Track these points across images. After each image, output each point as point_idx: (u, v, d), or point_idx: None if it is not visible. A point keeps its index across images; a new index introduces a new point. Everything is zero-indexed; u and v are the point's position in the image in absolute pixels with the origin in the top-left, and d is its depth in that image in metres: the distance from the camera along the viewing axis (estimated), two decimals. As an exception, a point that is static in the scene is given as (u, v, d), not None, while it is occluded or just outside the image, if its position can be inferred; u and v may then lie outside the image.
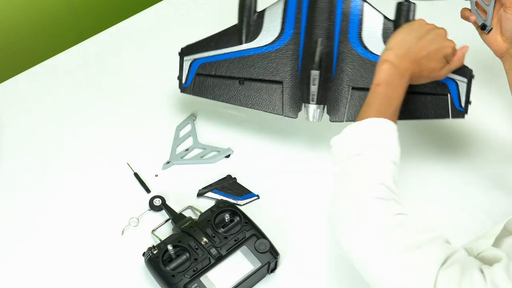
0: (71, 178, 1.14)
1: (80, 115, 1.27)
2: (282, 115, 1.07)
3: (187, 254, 0.94)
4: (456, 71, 0.91)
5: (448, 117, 0.94)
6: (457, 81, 0.91)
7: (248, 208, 1.06)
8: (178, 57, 1.14)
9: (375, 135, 0.80)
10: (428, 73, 0.89)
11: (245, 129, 1.21)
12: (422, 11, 1.03)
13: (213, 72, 1.08)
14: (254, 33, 1.05)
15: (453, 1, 1.04)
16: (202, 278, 0.92)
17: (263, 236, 0.97)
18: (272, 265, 0.96)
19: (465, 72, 0.93)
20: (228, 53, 1.07)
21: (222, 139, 1.20)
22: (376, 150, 0.79)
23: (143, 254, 0.96)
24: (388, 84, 0.85)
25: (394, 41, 0.88)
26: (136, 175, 1.13)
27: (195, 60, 1.09)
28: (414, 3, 0.94)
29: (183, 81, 1.12)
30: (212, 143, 1.19)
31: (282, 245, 0.97)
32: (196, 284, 0.91)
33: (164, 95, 1.30)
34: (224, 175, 1.13)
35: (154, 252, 0.94)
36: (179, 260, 0.94)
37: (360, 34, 0.92)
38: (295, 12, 0.98)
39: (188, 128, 1.23)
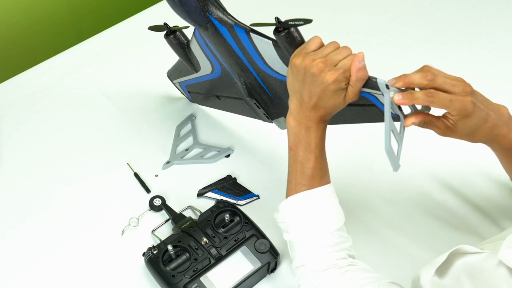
0: (71, 178, 1.14)
1: (80, 115, 1.27)
2: (260, 120, 1.12)
3: (187, 254, 0.94)
4: (367, 85, 0.78)
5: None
6: (373, 94, 0.79)
7: (248, 208, 1.06)
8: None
9: (300, 217, 0.84)
10: (334, 109, 0.80)
11: (245, 128, 1.21)
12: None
13: (198, 91, 1.20)
14: (196, 64, 1.09)
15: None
16: (202, 278, 0.92)
17: (263, 236, 0.97)
18: (272, 265, 0.96)
19: (375, 84, 0.77)
20: (193, 78, 1.15)
21: (222, 139, 1.20)
22: (305, 235, 0.83)
23: (143, 254, 0.96)
24: (297, 145, 0.83)
25: (288, 87, 0.83)
26: (136, 175, 1.13)
27: (180, 82, 1.20)
28: (287, 31, 0.81)
29: (186, 96, 1.26)
30: (212, 142, 1.20)
31: (282, 245, 0.97)
32: (196, 284, 0.91)
33: (164, 94, 1.30)
34: (224, 175, 1.13)
35: (154, 252, 0.94)
36: (179, 260, 0.94)
37: (265, 61, 0.91)
38: (211, 53, 1.00)
39: (188, 127, 1.23)
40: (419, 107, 0.79)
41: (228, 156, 1.17)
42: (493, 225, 1.02)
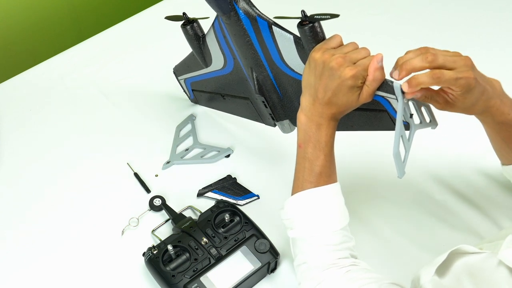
0: (71, 178, 1.14)
1: (80, 115, 1.27)
2: (262, 123, 1.11)
3: (187, 254, 0.94)
4: (382, 88, 0.78)
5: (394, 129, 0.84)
6: (387, 99, 0.80)
7: (248, 208, 1.06)
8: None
9: (305, 214, 0.84)
10: (347, 108, 0.80)
11: (245, 128, 1.21)
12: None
13: (203, 89, 1.18)
14: (208, 59, 1.08)
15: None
16: (202, 278, 0.92)
17: (263, 236, 0.97)
18: (272, 265, 0.96)
19: (390, 88, 0.77)
20: (201, 74, 1.14)
21: (222, 139, 1.20)
22: (309, 232, 0.83)
23: (143, 254, 0.96)
24: (306, 142, 0.83)
25: (303, 82, 0.83)
26: (136, 175, 1.13)
27: (186, 79, 1.20)
28: (311, 25, 0.82)
29: (188, 96, 1.26)
30: (212, 142, 1.20)
31: (282, 245, 0.97)
32: (196, 284, 0.91)
33: (164, 94, 1.30)
34: (224, 175, 1.13)
35: (154, 252, 0.94)
36: (179, 260, 0.94)
37: (282, 57, 0.91)
38: (227, 45, 1.00)
39: (188, 128, 1.23)
40: (427, 118, 0.80)
41: (228, 156, 1.17)
42: (493, 225, 1.02)
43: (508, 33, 1.43)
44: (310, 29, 0.82)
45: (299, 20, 0.82)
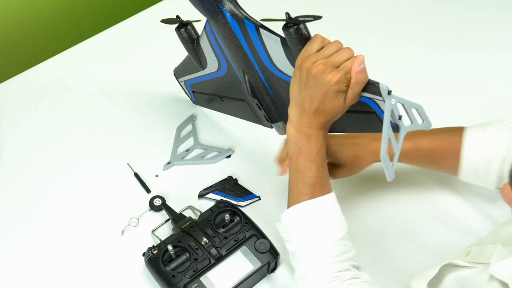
0: (71, 178, 1.14)
1: (80, 115, 1.27)
2: (261, 124, 1.11)
3: (187, 254, 0.94)
4: (368, 90, 0.77)
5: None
6: (374, 100, 0.79)
7: (249, 209, 1.06)
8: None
9: (302, 227, 0.83)
10: (335, 114, 0.79)
11: (246, 129, 1.21)
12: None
13: (202, 91, 1.18)
14: (204, 61, 1.08)
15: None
16: (202, 278, 0.92)
17: (263, 236, 0.97)
18: (272, 265, 0.96)
19: (377, 89, 0.76)
20: (199, 76, 1.14)
21: (222, 140, 1.20)
22: (308, 245, 0.82)
23: (143, 254, 0.96)
24: (298, 155, 0.82)
25: (290, 93, 0.82)
26: (136, 175, 1.13)
27: (185, 81, 1.20)
28: (296, 27, 0.81)
29: (190, 97, 1.26)
30: (213, 143, 1.19)
31: (282, 245, 0.97)
32: (196, 284, 0.91)
33: (164, 95, 1.30)
34: (225, 176, 1.13)
35: (154, 252, 0.94)
36: (179, 260, 0.94)
37: (271, 60, 0.91)
38: (219, 48, 1.00)
39: (188, 128, 1.23)
40: (419, 120, 0.78)
41: (228, 157, 1.17)
42: (493, 225, 1.02)
43: (508, 33, 1.43)
44: (295, 31, 0.81)
45: (284, 23, 0.81)
